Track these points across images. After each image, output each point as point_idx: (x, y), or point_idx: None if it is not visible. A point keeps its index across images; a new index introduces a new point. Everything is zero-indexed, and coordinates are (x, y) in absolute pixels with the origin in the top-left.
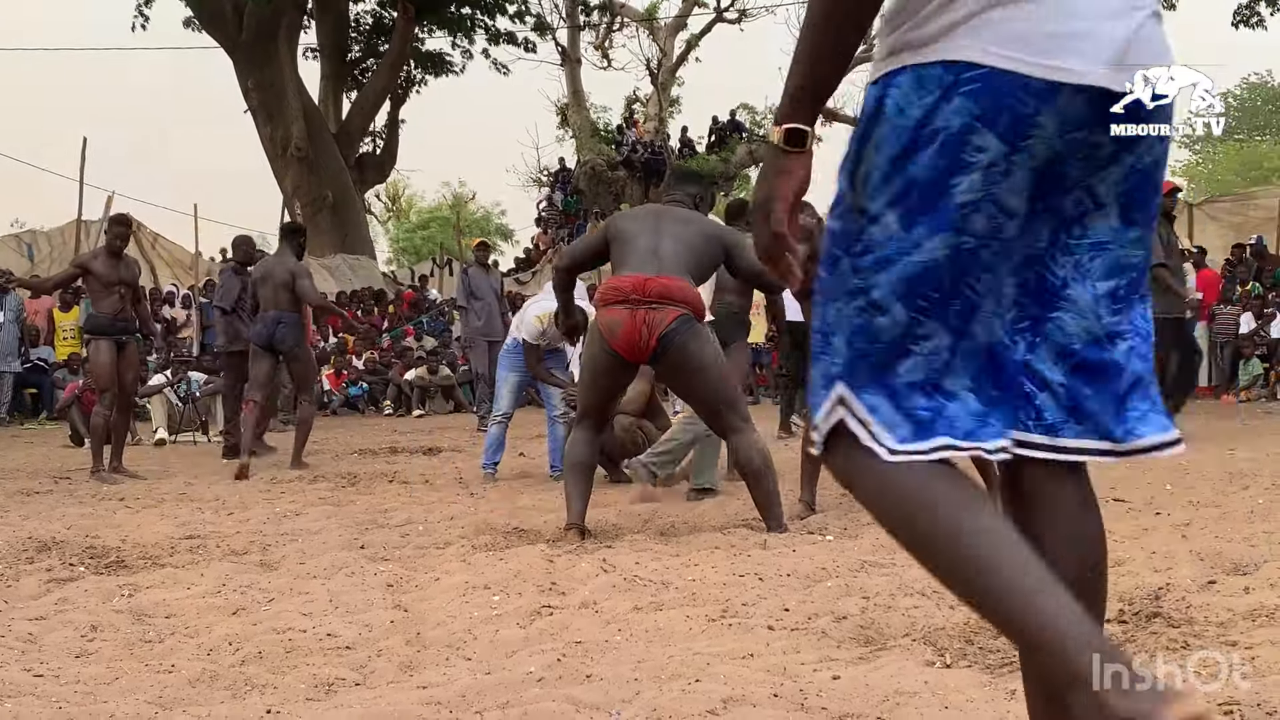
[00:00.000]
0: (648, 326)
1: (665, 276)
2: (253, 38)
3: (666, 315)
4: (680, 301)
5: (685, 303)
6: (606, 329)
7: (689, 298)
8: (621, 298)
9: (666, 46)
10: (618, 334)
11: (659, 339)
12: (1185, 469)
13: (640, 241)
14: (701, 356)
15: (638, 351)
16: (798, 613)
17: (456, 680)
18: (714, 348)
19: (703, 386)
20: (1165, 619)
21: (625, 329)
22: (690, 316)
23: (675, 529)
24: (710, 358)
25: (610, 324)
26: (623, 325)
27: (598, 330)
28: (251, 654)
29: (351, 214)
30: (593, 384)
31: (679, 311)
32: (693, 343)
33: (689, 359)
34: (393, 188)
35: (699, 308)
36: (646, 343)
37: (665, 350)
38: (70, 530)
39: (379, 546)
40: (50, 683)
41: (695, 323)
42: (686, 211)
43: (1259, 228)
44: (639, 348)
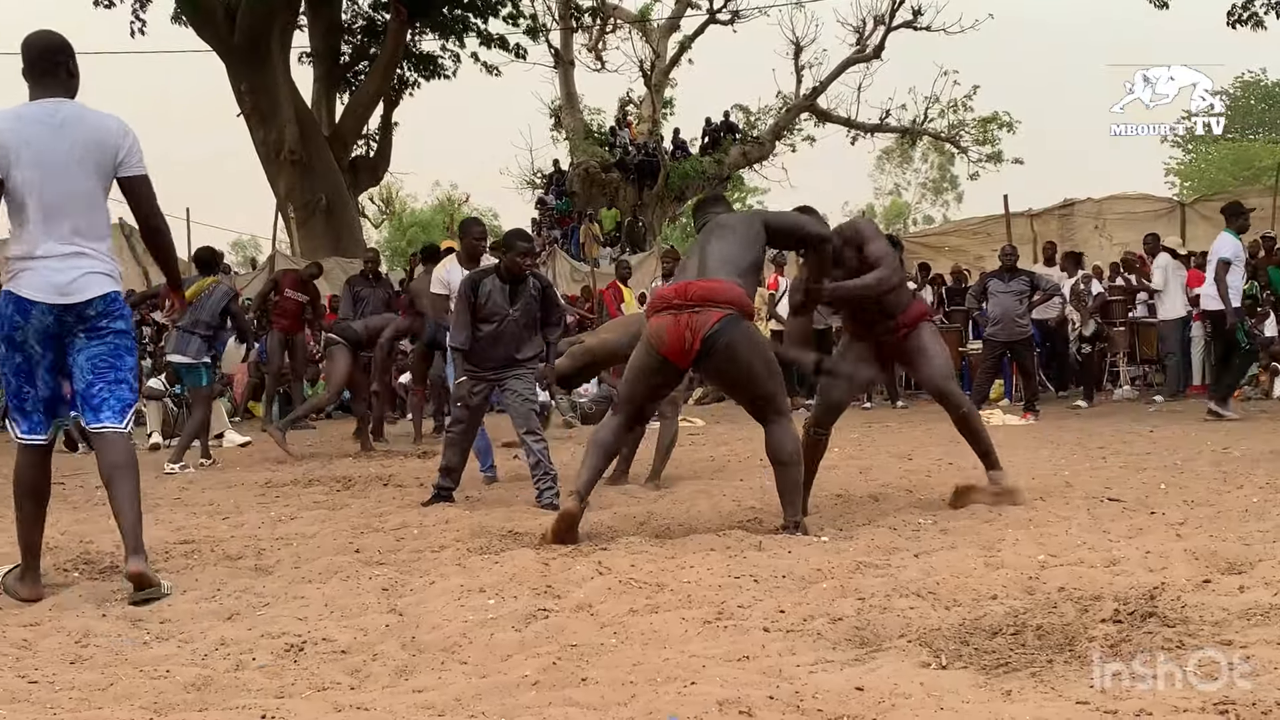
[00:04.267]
0: (691, 330)
1: (707, 280)
2: (245, 41)
3: (710, 317)
4: (724, 302)
5: (730, 303)
6: (655, 336)
7: (733, 298)
8: (665, 304)
9: (659, 48)
10: (665, 339)
11: (702, 341)
12: (1180, 468)
13: (688, 261)
14: (747, 355)
15: (683, 355)
16: (793, 614)
17: (452, 684)
18: (761, 345)
19: (747, 383)
20: (1160, 618)
21: (670, 334)
22: (736, 316)
23: (670, 531)
24: (755, 355)
25: (657, 330)
26: (667, 330)
27: (647, 336)
28: (246, 659)
29: (345, 217)
30: (635, 380)
31: (723, 313)
32: (739, 342)
33: (734, 359)
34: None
35: (745, 306)
36: (691, 346)
37: (710, 352)
38: (64, 536)
39: (374, 550)
40: (44, 689)
41: (741, 321)
42: (725, 215)
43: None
44: (684, 352)
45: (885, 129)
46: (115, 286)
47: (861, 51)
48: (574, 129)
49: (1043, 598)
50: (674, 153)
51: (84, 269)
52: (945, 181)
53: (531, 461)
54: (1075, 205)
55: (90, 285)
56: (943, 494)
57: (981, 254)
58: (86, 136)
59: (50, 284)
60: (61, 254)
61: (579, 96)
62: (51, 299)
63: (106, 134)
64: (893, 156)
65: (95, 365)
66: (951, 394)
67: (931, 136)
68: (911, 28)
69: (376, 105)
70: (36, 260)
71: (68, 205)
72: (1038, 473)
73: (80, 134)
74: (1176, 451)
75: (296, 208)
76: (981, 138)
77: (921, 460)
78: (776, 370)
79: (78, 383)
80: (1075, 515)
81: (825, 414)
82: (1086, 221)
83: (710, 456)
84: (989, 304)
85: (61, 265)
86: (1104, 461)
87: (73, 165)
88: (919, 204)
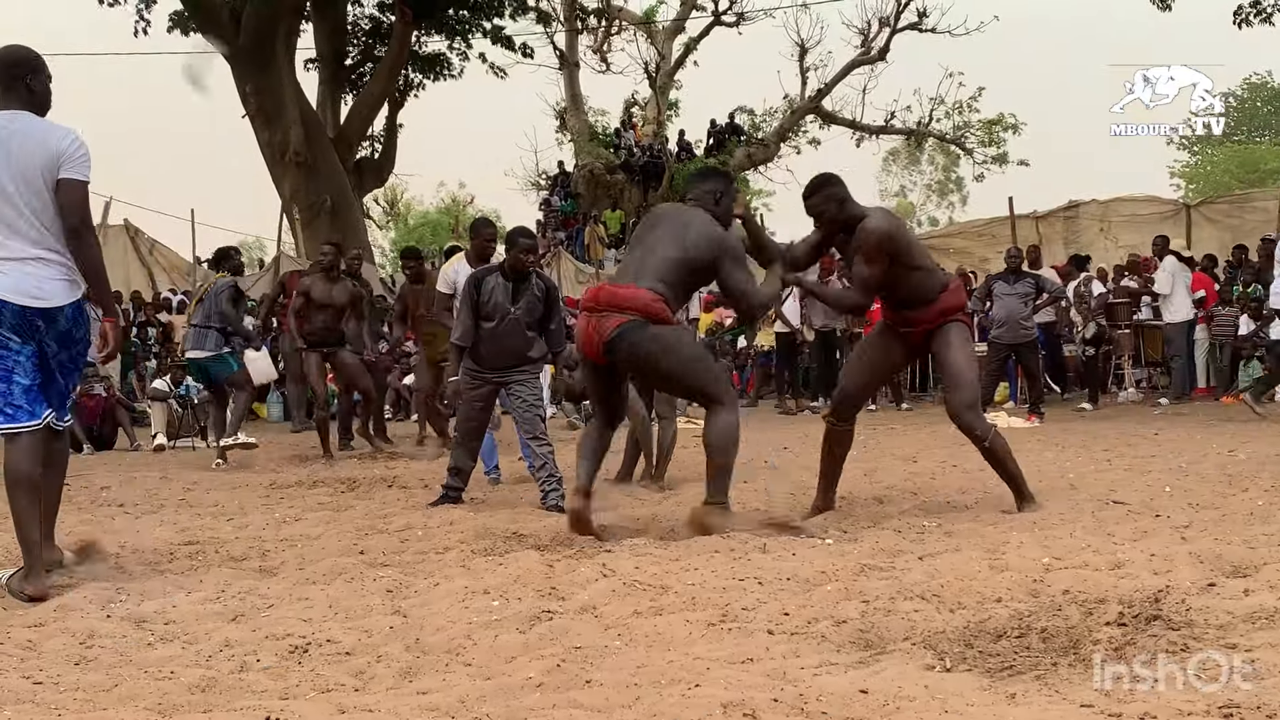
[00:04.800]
0: (597, 333)
1: (621, 285)
2: (250, 42)
3: (610, 322)
4: (626, 309)
5: (633, 309)
6: (578, 338)
7: (638, 304)
8: (585, 306)
9: (665, 50)
10: (581, 341)
11: (605, 344)
12: (1185, 471)
13: (633, 251)
14: (654, 357)
15: (596, 355)
16: (797, 617)
17: (456, 686)
18: (673, 344)
19: (665, 381)
20: (1165, 621)
21: (583, 337)
22: (638, 321)
23: (675, 533)
24: (666, 355)
25: (578, 333)
26: (581, 333)
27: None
28: (251, 660)
29: (350, 218)
30: (586, 381)
31: (622, 319)
32: (640, 345)
33: (639, 362)
34: (391, 192)
35: (653, 311)
36: (598, 346)
37: (614, 354)
38: (68, 537)
39: (378, 552)
40: (49, 690)
41: (645, 326)
42: (693, 212)
43: (1256, 229)
44: (595, 351)
45: (890, 131)
46: (78, 294)
47: (866, 53)
48: (579, 131)
49: (1047, 601)
50: (679, 154)
51: (48, 275)
52: (950, 183)
53: (537, 464)
54: (1080, 207)
55: (57, 292)
56: (947, 497)
57: (986, 256)
58: (34, 146)
59: (17, 288)
60: (20, 258)
61: (584, 98)
62: (23, 301)
63: (54, 141)
64: (899, 158)
65: (63, 370)
66: (972, 427)
67: (937, 138)
68: (916, 30)
69: (381, 107)
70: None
71: (22, 213)
72: (1043, 475)
73: (28, 144)
74: (1181, 454)
75: (301, 209)
76: (987, 139)
77: (926, 463)
78: (698, 364)
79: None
80: (1080, 518)
81: (840, 404)
82: (1092, 223)
83: None
84: (994, 306)
85: (23, 270)
86: (1109, 464)
87: (23, 174)
88: (924, 206)
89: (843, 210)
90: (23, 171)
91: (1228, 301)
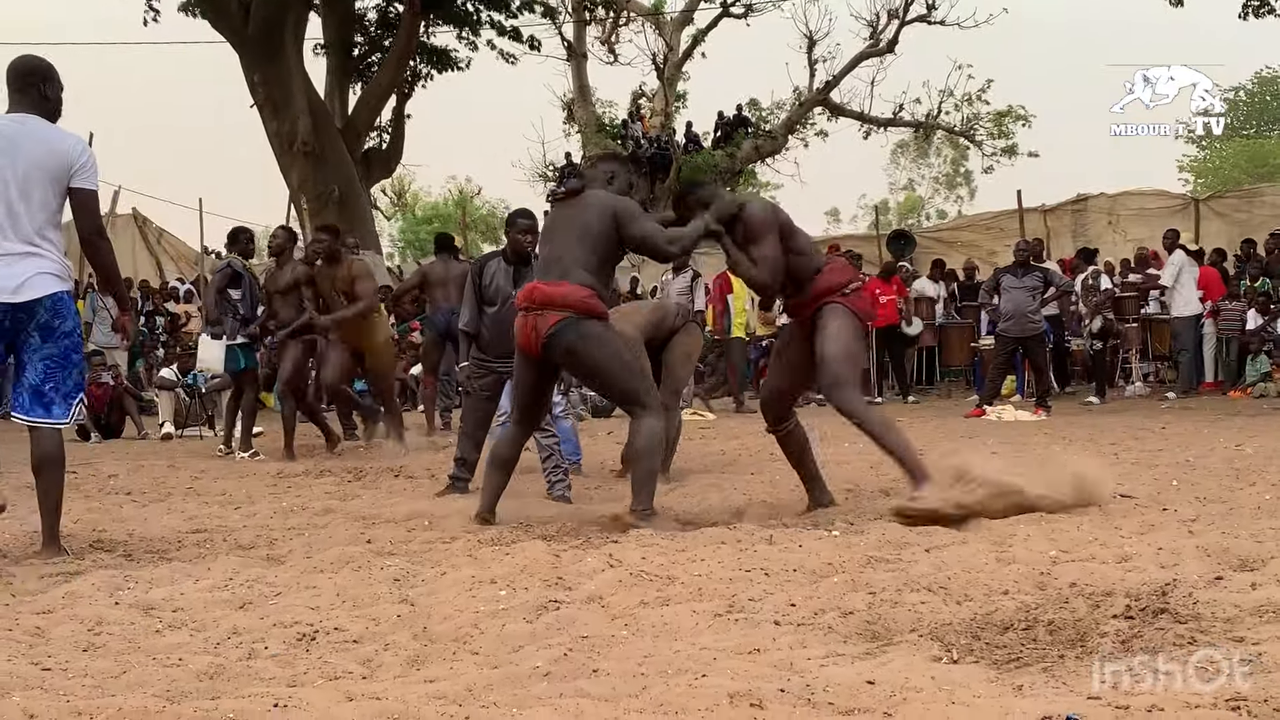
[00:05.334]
0: (536, 331)
1: (550, 283)
2: (259, 32)
3: (548, 320)
4: (560, 306)
5: (566, 306)
6: (516, 334)
7: (571, 301)
8: (520, 305)
9: (673, 41)
10: (519, 338)
11: (542, 343)
12: (1192, 465)
13: (543, 250)
14: (589, 356)
15: (535, 352)
16: (804, 608)
17: (463, 674)
18: (604, 344)
19: (598, 382)
20: (1172, 615)
21: (521, 333)
22: (574, 319)
23: (681, 524)
24: (601, 354)
25: (517, 329)
26: (520, 330)
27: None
28: (259, 648)
29: (357, 209)
30: (516, 379)
31: (559, 316)
32: (578, 344)
33: (576, 359)
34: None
35: (586, 307)
36: (536, 344)
37: (552, 351)
38: (77, 524)
39: (385, 541)
40: (58, 676)
41: (582, 323)
42: (590, 195)
43: (1265, 224)
44: (535, 348)
45: (898, 123)
46: (64, 286)
47: (875, 45)
48: (586, 122)
49: (1054, 593)
50: (686, 146)
51: (34, 269)
52: (959, 176)
53: (543, 455)
54: (1089, 200)
55: (38, 285)
56: None
57: (994, 249)
58: (43, 149)
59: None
60: (12, 254)
61: (591, 90)
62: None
63: (63, 148)
64: (908, 150)
65: (49, 366)
66: (841, 405)
67: (945, 131)
68: (925, 22)
69: (389, 97)
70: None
71: (21, 209)
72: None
73: (37, 146)
74: (1189, 448)
75: (309, 199)
76: (996, 132)
77: (933, 455)
78: (630, 366)
79: (30, 379)
80: (1087, 511)
81: (766, 411)
82: (1100, 217)
83: (721, 450)
84: (1001, 299)
85: (12, 265)
86: (1116, 458)
87: (27, 173)
88: (932, 199)
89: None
90: (27, 172)
91: (1235, 296)
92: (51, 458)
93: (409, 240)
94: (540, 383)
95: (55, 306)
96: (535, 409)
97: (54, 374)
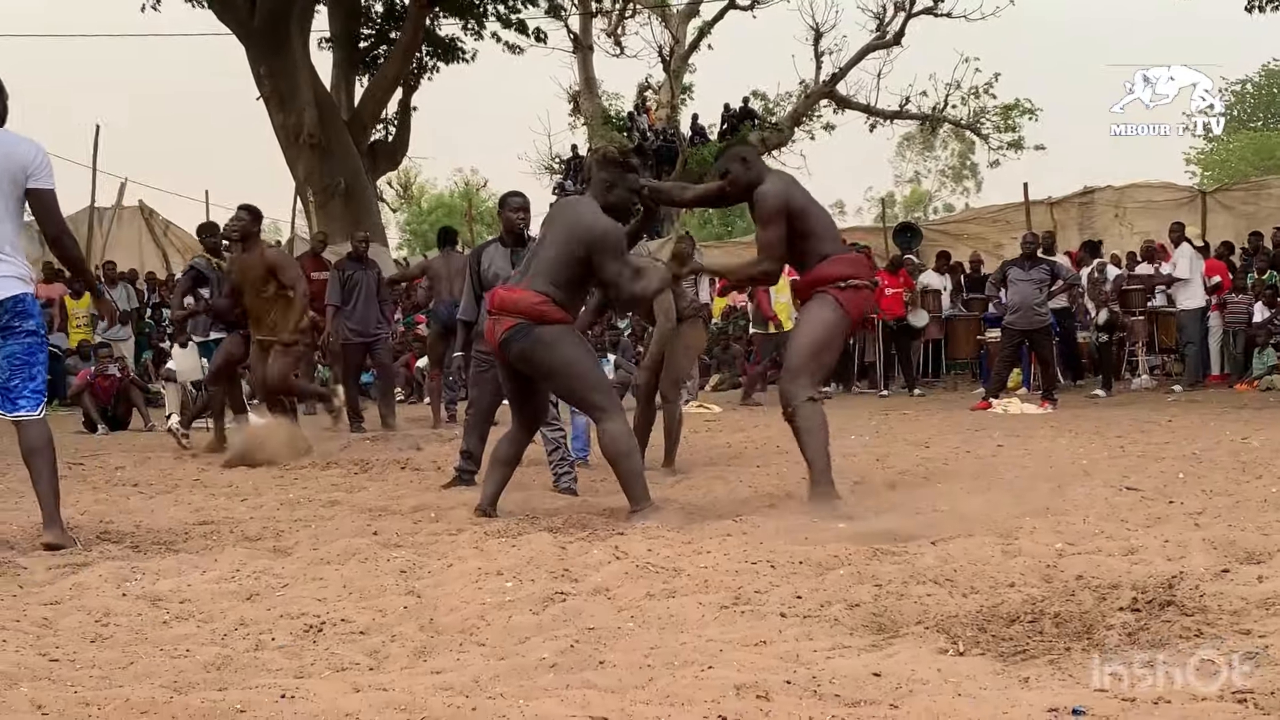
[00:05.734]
0: (495, 335)
1: (510, 288)
2: (265, 24)
3: (503, 325)
4: (514, 313)
5: (519, 313)
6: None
7: (523, 308)
8: (488, 309)
9: (679, 33)
10: (487, 339)
11: (499, 345)
12: (1198, 458)
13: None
14: (541, 361)
15: (501, 357)
16: (810, 600)
17: (470, 666)
18: (556, 350)
19: (553, 386)
20: (1179, 607)
21: (488, 335)
22: (525, 325)
23: (687, 516)
24: (551, 361)
25: (487, 333)
26: (487, 333)
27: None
28: (266, 639)
29: (364, 201)
30: (503, 387)
31: (512, 322)
32: (527, 350)
33: (529, 364)
34: (405, 175)
35: (538, 313)
36: (496, 349)
37: (506, 354)
38: (84, 516)
39: (391, 533)
40: (65, 667)
41: (533, 330)
42: (584, 205)
43: (1272, 216)
44: (498, 351)
45: (905, 116)
46: (25, 289)
47: (882, 38)
48: (592, 114)
49: (1060, 586)
50: (692, 139)
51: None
52: (965, 169)
53: (549, 448)
54: (1095, 193)
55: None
56: (960, 482)
57: (1001, 242)
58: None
59: None
60: None
61: (597, 82)
62: None
63: (18, 152)
64: (914, 143)
65: (13, 363)
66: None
67: (952, 124)
68: (932, 14)
69: (395, 89)
70: None
71: None
72: (1055, 461)
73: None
74: (1195, 441)
75: (315, 191)
76: (1003, 125)
77: (939, 448)
78: (584, 372)
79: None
80: (1093, 504)
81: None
82: (1107, 210)
83: (727, 443)
84: (1008, 292)
85: None
86: (1122, 450)
87: None
88: (939, 191)
89: (748, 171)
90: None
91: (1242, 289)
92: (34, 447)
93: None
94: (522, 384)
95: (17, 307)
96: (528, 409)
97: (19, 371)
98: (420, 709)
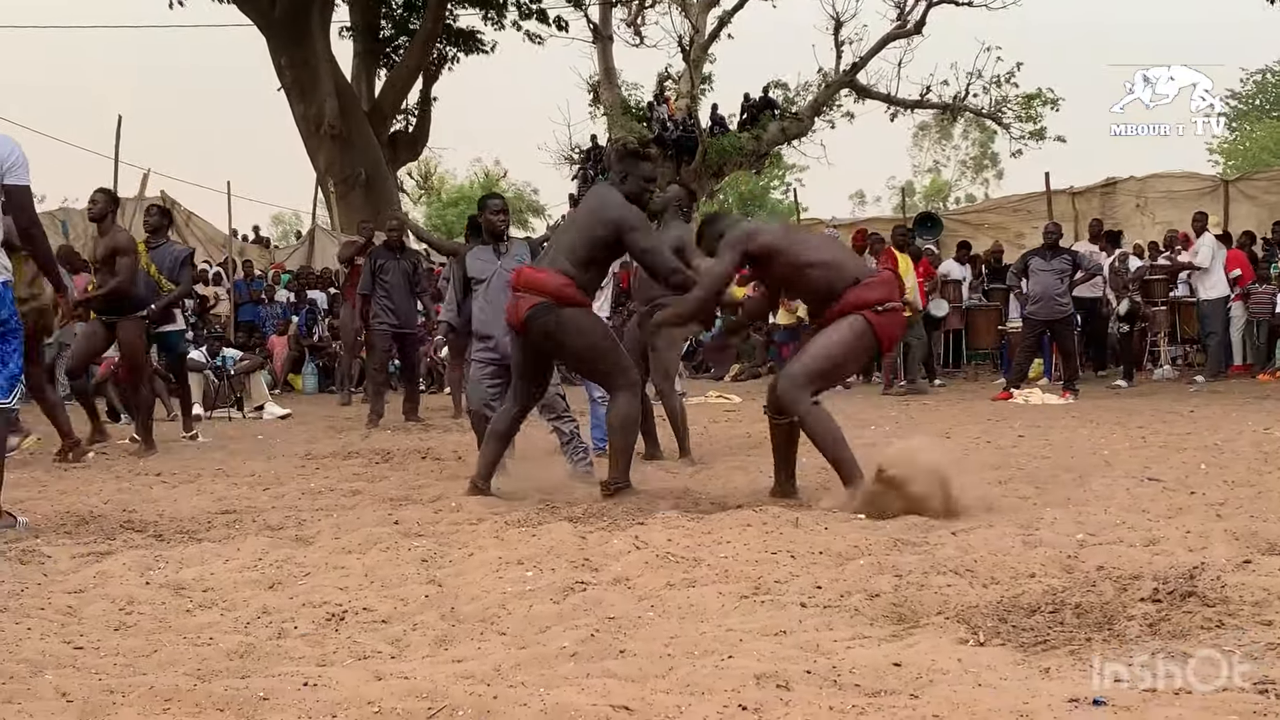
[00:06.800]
0: (514, 313)
1: (534, 269)
2: (286, 16)
3: (526, 304)
4: (537, 292)
5: (542, 293)
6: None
7: (547, 288)
8: (512, 286)
9: (699, 23)
10: (508, 315)
11: (521, 324)
12: (1220, 448)
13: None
14: (562, 340)
15: (521, 330)
16: (830, 590)
17: (491, 654)
18: (579, 329)
19: (571, 363)
20: (1200, 598)
21: (510, 312)
22: (548, 305)
23: (707, 506)
24: (573, 339)
25: (507, 309)
26: (509, 309)
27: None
28: (288, 627)
29: (384, 192)
30: (513, 361)
31: (535, 300)
32: (550, 328)
33: (551, 342)
34: (425, 165)
35: (562, 295)
36: (519, 324)
37: (529, 333)
38: (108, 504)
39: (413, 522)
40: (90, 655)
41: (554, 310)
42: (608, 192)
43: None
44: (520, 327)
45: (926, 105)
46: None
47: (902, 26)
48: (612, 105)
49: (1081, 576)
50: (712, 129)
51: None
52: (986, 159)
53: (564, 440)
54: (1118, 183)
55: None
56: (980, 473)
57: (1022, 231)
58: None
59: None
60: None
61: (617, 72)
62: None
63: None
64: (929, 132)
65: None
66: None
67: (973, 113)
68: (953, 3)
69: (416, 80)
70: None
71: None
72: (1077, 452)
73: None
74: (1217, 432)
75: (336, 182)
76: (1024, 115)
77: (959, 439)
78: (604, 351)
79: None
80: (1114, 494)
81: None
82: (1129, 200)
83: (746, 433)
84: (1029, 282)
85: None
86: (1144, 441)
87: None
88: (959, 181)
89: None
90: None
91: (1265, 279)
92: None
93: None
94: (534, 362)
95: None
96: (532, 387)
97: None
98: (442, 697)
